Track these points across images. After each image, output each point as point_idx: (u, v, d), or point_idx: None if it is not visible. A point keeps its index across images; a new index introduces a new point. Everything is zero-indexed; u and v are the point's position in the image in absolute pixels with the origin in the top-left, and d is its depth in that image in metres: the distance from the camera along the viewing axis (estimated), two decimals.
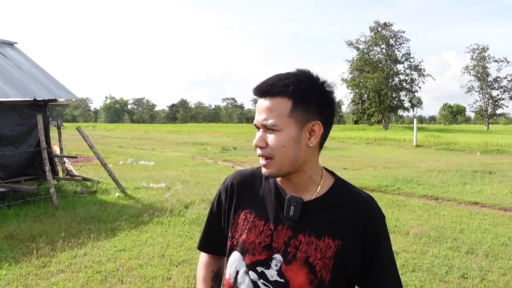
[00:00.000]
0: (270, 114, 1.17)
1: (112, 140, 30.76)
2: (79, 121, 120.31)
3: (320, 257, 1.20)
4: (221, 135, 39.14)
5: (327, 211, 1.24)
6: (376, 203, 1.29)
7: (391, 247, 1.28)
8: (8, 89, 8.65)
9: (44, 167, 8.09)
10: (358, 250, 1.22)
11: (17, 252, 5.21)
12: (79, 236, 5.85)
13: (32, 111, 9.11)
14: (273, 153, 1.19)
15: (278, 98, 1.17)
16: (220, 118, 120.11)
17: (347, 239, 1.21)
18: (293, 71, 1.22)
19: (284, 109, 1.17)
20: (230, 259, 1.32)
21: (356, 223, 1.22)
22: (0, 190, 7.78)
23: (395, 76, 55.63)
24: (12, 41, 10.95)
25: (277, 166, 1.20)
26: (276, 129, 1.17)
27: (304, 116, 1.18)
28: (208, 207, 7.49)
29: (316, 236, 1.21)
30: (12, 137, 8.69)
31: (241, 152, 20.00)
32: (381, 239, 1.24)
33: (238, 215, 1.34)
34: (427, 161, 15.57)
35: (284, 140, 1.17)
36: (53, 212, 7.10)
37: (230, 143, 25.92)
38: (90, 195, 8.65)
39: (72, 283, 4.35)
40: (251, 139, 32.07)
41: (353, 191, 1.29)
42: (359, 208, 1.24)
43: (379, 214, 1.26)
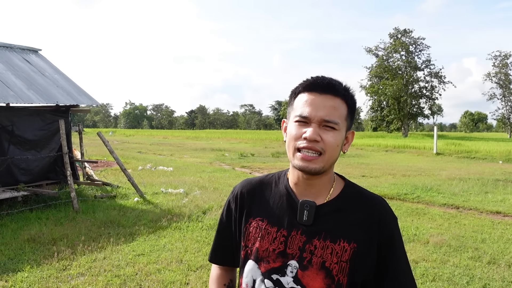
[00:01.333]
0: (335, 112, 1.20)
1: (132, 146, 31.13)
2: (99, 126, 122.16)
3: (336, 261, 1.19)
4: (239, 141, 39.23)
5: (340, 214, 1.24)
6: (388, 204, 1.30)
7: (404, 248, 1.29)
8: (32, 94, 8.86)
9: (66, 171, 8.24)
10: (373, 252, 1.22)
11: (38, 255, 5.30)
12: (98, 240, 5.93)
13: (55, 116, 9.30)
14: (326, 149, 1.19)
15: (339, 99, 1.21)
16: (238, 124, 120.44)
17: (362, 241, 1.21)
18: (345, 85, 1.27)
19: (344, 112, 1.22)
20: (245, 268, 1.31)
21: (370, 225, 1.23)
22: (23, 193, 7.95)
23: (415, 83, 54.97)
24: (36, 48, 11.22)
25: (324, 162, 1.21)
26: (336, 128, 1.20)
27: (349, 123, 1.25)
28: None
29: (331, 240, 1.21)
30: (34, 141, 8.88)
31: (259, 159, 20.01)
32: (396, 241, 1.25)
33: (249, 223, 1.33)
34: (447, 169, 15.32)
35: (339, 140, 1.21)
36: (73, 216, 7.21)
37: (248, 149, 25.96)
38: (110, 200, 8.76)
39: (92, 286, 4.41)
40: (269, 146, 31.86)
41: (365, 193, 1.31)
42: (373, 210, 1.25)
43: (392, 216, 1.28)
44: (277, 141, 36.57)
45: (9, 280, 4.53)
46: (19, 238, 5.94)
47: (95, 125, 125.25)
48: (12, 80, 9.07)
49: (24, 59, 10.35)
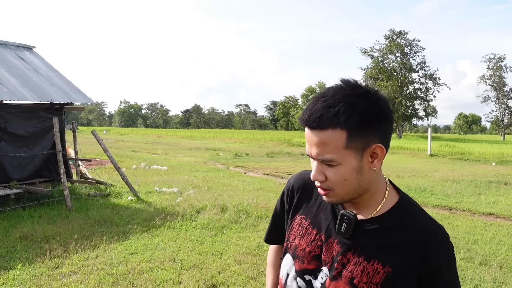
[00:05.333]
0: (325, 148, 1.06)
1: (126, 144, 31.03)
2: (94, 125, 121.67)
3: (366, 281, 1.11)
4: (234, 141, 39.22)
5: (382, 233, 1.14)
6: (442, 231, 1.14)
7: (457, 279, 1.14)
8: (26, 92, 8.81)
9: (59, 169, 8.20)
10: (412, 282, 1.10)
11: (30, 252, 5.28)
12: (91, 238, 5.90)
13: (49, 114, 9.26)
14: (333, 186, 1.11)
15: (329, 130, 1.05)
16: (233, 124, 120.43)
17: (399, 267, 1.10)
18: (341, 89, 1.09)
19: (339, 142, 1.05)
20: (283, 260, 1.32)
21: (412, 252, 1.10)
22: (15, 191, 7.91)
23: (410, 85, 55.26)
24: (31, 45, 11.16)
25: (339, 197, 1.13)
26: (335, 164, 1.08)
27: (363, 142, 1.07)
28: (219, 212, 7.51)
29: (365, 258, 1.13)
30: (27, 139, 8.83)
31: (254, 158, 20.02)
32: (443, 274, 1.11)
33: (295, 218, 1.33)
34: (441, 171, 15.40)
35: (345, 173, 1.08)
36: (66, 214, 7.18)
37: (243, 149, 25.96)
38: (103, 198, 8.73)
39: (84, 284, 4.39)
40: (264, 146, 31.87)
41: (417, 214, 1.16)
42: (419, 235, 1.11)
43: (444, 245, 1.12)
44: (271, 141, 36.59)
45: (0, 278, 4.50)
46: (11, 236, 5.90)
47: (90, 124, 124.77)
48: (6, 77, 9.02)
49: (18, 56, 10.29)
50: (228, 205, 7.85)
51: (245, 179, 12.59)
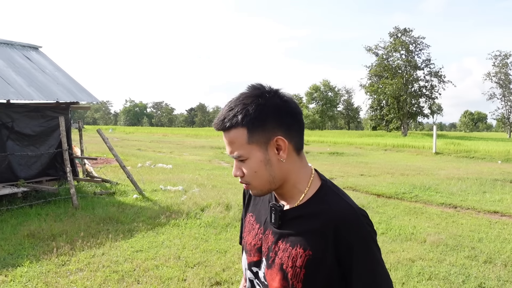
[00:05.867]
0: (232, 146, 1.20)
1: (131, 143, 31.15)
2: (99, 123, 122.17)
3: (291, 265, 1.20)
4: None
5: (303, 219, 1.22)
6: (355, 213, 1.20)
7: (375, 261, 1.18)
8: (32, 91, 8.89)
9: (65, 168, 8.27)
10: (331, 263, 1.17)
11: (37, 250, 5.35)
12: (97, 236, 5.97)
13: (55, 113, 9.34)
14: (249, 180, 1.22)
15: (232, 130, 1.18)
16: None
17: (317, 250, 1.18)
18: (243, 93, 1.22)
19: (242, 139, 1.18)
20: (242, 257, 1.44)
21: (326, 235, 1.18)
22: (23, 189, 7.99)
23: (415, 82, 55.05)
24: (37, 45, 11.24)
25: (257, 189, 1.24)
26: (243, 159, 1.20)
27: (263, 136, 1.18)
28: (224, 210, 7.55)
29: (291, 244, 1.22)
30: (34, 137, 8.92)
31: None
32: (358, 255, 1.16)
33: (246, 216, 1.44)
34: (446, 169, 15.37)
35: (254, 166, 1.20)
36: (73, 212, 7.25)
37: None
38: (109, 196, 8.80)
39: (90, 281, 4.45)
40: None
41: (332, 199, 1.23)
42: (331, 218, 1.19)
43: (353, 226, 1.18)
44: None
45: (8, 275, 4.57)
46: (19, 233, 5.98)
47: (95, 122, 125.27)
48: (13, 77, 9.10)
49: (25, 56, 10.37)
50: (232, 203, 7.89)
51: None
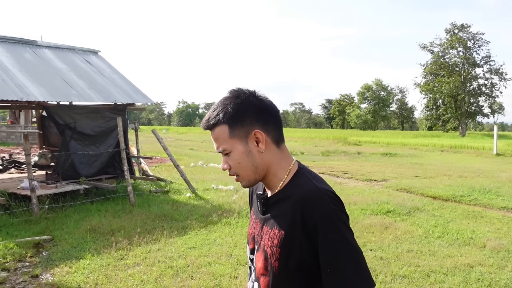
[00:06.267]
0: (218, 142, 1.35)
1: (184, 143, 31.93)
2: (153, 124, 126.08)
3: (270, 245, 1.33)
4: (289, 139, 39.21)
5: (279, 204, 1.36)
6: (316, 192, 1.29)
7: (340, 239, 1.23)
8: (93, 93, 9.36)
9: (123, 166, 8.64)
10: (301, 242, 1.26)
11: (98, 244, 5.63)
12: (153, 232, 6.19)
13: (113, 114, 9.77)
14: (236, 171, 1.37)
15: (216, 128, 1.35)
16: (288, 122, 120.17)
17: (288, 230, 1.29)
18: (224, 96, 1.38)
19: (224, 134, 1.34)
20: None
21: (294, 214, 1.28)
22: (84, 187, 8.43)
23: (473, 81, 52.46)
24: (96, 50, 11.81)
25: (245, 179, 1.38)
26: (228, 152, 1.35)
27: (243, 130, 1.33)
28: None
29: (270, 227, 1.35)
30: (94, 137, 9.38)
31: (308, 157, 19.93)
32: (319, 231, 1.23)
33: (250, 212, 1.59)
34: (508, 171, 14.56)
35: (237, 158, 1.35)
36: (130, 209, 7.57)
37: (298, 148, 25.92)
38: (163, 195, 9.10)
39: (147, 275, 4.64)
40: (319, 144, 31.52)
41: (303, 182, 1.34)
42: (299, 198, 1.29)
43: (316, 204, 1.26)
44: (327, 139, 36.23)
45: (72, 267, 4.86)
46: (81, 228, 6.32)
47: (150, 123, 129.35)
48: (75, 80, 9.62)
49: (86, 60, 10.93)
50: None
51: None
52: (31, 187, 7.09)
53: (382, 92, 77.85)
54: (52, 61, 10.02)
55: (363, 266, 1.27)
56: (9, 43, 9.77)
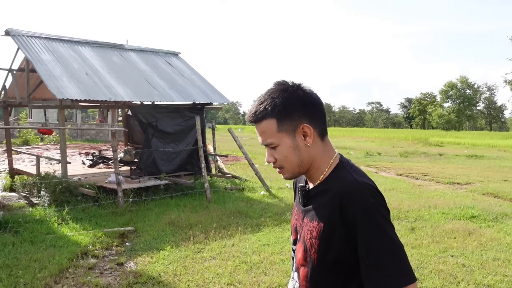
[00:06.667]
0: (264, 135, 1.36)
1: (258, 142, 32.34)
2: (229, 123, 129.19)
3: (309, 237, 1.35)
4: (365, 139, 38.24)
5: (319, 196, 1.37)
6: (356, 185, 1.29)
7: (380, 233, 1.23)
8: (173, 94, 9.82)
9: (200, 164, 8.97)
10: (340, 234, 1.27)
11: (177, 237, 5.91)
12: (228, 228, 6.36)
13: (191, 113, 10.17)
14: (281, 164, 1.38)
15: (264, 121, 1.35)
16: (365, 122, 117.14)
17: (327, 222, 1.30)
18: (270, 88, 1.37)
19: (272, 128, 1.34)
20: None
21: (333, 207, 1.29)
22: (164, 182, 8.87)
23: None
24: (177, 52, 12.36)
25: (289, 172, 1.40)
26: (275, 145, 1.36)
27: (291, 124, 1.34)
28: None
29: (310, 219, 1.37)
30: (174, 135, 9.84)
31: (386, 158, 19.30)
32: (358, 224, 1.24)
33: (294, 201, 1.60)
34: None
35: (284, 151, 1.36)
36: (206, 205, 7.84)
37: (375, 148, 25.19)
38: (238, 192, 9.31)
39: (222, 269, 4.78)
40: (397, 145, 30.36)
41: (343, 175, 1.35)
42: (338, 191, 1.30)
43: (355, 197, 1.26)
44: (405, 140, 34.82)
45: (153, 257, 5.14)
46: (161, 221, 6.66)
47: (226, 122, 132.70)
48: (157, 81, 10.15)
49: (167, 62, 11.49)
50: None
51: (377, 178, 12.24)
52: (118, 181, 7.60)
53: (468, 90, 73.10)
54: (137, 63, 10.66)
55: (403, 260, 1.23)
56: (99, 47, 10.54)
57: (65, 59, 9.21)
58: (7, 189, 9.53)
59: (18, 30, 9.34)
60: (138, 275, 4.62)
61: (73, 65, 9.12)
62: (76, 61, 9.37)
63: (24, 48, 8.91)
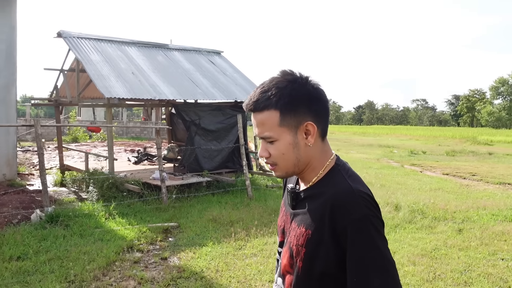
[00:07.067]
0: (263, 127, 1.23)
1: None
2: None
3: (296, 244, 1.25)
4: (409, 138, 37.24)
5: (309, 200, 1.27)
6: (350, 193, 1.17)
7: (371, 247, 1.12)
8: (215, 92, 9.95)
9: (242, 161, 9.04)
10: (328, 245, 1.17)
11: (219, 233, 5.99)
12: (269, 225, 6.39)
13: (233, 111, 10.27)
14: (275, 161, 1.27)
15: (265, 111, 1.22)
16: (409, 120, 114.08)
17: (315, 230, 1.20)
18: (276, 77, 1.25)
19: (274, 120, 1.22)
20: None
21: (323, 215, 1.19)
22: (206, 179, 9.01)
23: None
24: (219, 50, 12.51)
25: (283, 171, 1.28)
26: (273, 140, 1.24)
27: (295, 120, 1.22)
28: (392, 210, 7.31)
29: (298, 224, 1.27)
30: (216, 133, 9.97)
31: (431, 157, 18.72)
32: (348, 236, 1.13)
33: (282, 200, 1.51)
34: None
35: (282, 148, 1.24)
36: (248, 202, 7.90)
37: (419, 147, 24.49)
38: (279, 190, 9.31)
39: (263, 266, 4.81)
40: (443, 143, 29.40)
41: (337, 180, 1.24)
42: (329, 199, 1.19)
43: (348, 207, 1.15)
44: (452, 138, 33.63)
45: (196, 252, 5.24)
46: (204, 217, 6.78)
47: None
48: (200, 79, 10.32)
49: (209, 61, 11.65)
50: (402, 204, 7.58)
51: (421, 178, 11.91)
52: (161, 178, 7.80)
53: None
54: (180, 62, 10.87)
55: (395, 279, 1.12)
56: (144, 47, 10.83)
57: (113, 59, 9.53)
58: (58, 184, 9.97)
59: (69, 32, 9.75)
60: (181, 270, 4.73)
61: (120, 65, 9.43)
62: (123, 61, 9.68)
63: (74, 49, 9.29)
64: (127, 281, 4.41)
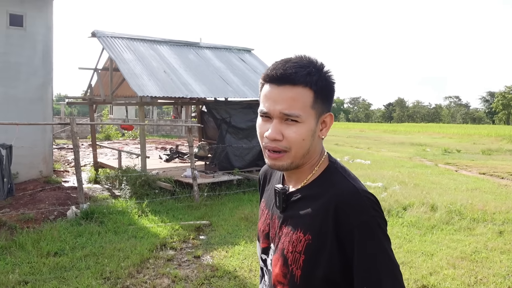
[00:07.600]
0: (294, 104, 1.09)
1: (329, 138, 31.88)
2: None
3: (291, 250, 1.13)
4: (442, 136, 36.31)
5: (305, 201, 1.15)
6: (356, 194, 1.09)
7: (379, 249, 1.05)
8: (246, 90, 9.92)
9: None
10: (332, 250, 1.07)
11: (251, 232, 5.96)
12: None
13: None
14: (290, 146, 1.11)
15: (300, 87, 1.09)
16: (441, 118, 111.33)
17: (318, 234, 1.09)
18: (306, 56, 1.14)
19: (308, 100, 1.10)
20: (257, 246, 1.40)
21: (326, 217, 1.09)
22: (237, 177, 9.00)
23: None
24: (250, 48, 12.48)
25: (291, 159, 1.13)
26: (299, 121, 1.10)
27: (322, 108, 1.13)
28: (428, 211, 7.11)
29: (292, 228, 1.15)
30: (246, 131, 9.95)
31: (466, 155, 18.18)
32: (355, 239, 1.05)
33: (260, 203, 1.39)
34: None
35: (305, 133, 1.11)
36: None
37: (453, 145, 23.82)
38: None
39: None
40: (478, 142, 28.62)
41: (336, 180, 1.14)
42: (332, 200, 1.10)
43: (355, 208, 1.07)
44: (488, 136, 32.57)
45: (229, 251, 5.23)
46: (235, 216, 6.76)
47: None
48: (231, 77, 10.32)
49: (240, 59, 11.64)
50: (438, 204, 7.36)
51: (457, 177, 11.56)
52: (193, 176, 7.83)
53: None
54: (211, 60, 10.90)
55: (401, 283, 1.07)
56: (176, 46, 10.91)
57: (145, 58, 9.64)
58: (92, 181, 10.18)
59: (103, 32, 9.92)
60: (214, 268, 4.72)
61: (152, 64, 9.53)
62: (155, 60, 9.78)
63: (108, 48, 9.45)
64: (161, 279, 4.43)
